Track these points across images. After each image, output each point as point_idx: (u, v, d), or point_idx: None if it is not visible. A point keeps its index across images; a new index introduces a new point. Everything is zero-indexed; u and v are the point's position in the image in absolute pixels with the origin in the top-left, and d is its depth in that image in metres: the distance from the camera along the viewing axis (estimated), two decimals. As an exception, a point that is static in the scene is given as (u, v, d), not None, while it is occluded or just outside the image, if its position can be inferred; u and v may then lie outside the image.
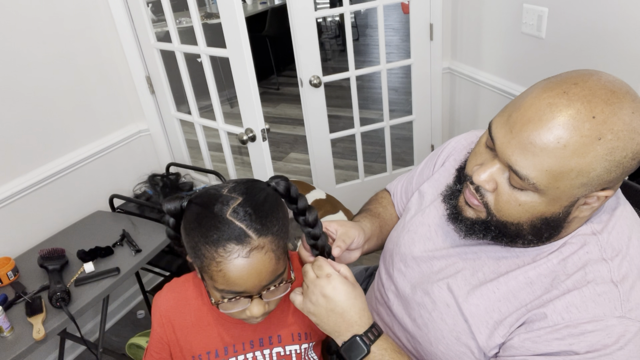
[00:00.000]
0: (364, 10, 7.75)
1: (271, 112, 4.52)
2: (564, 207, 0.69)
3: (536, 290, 0.74)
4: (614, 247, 0.72)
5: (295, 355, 0.92)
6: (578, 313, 0.68)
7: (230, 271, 0.72)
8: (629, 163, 0.64)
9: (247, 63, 1.57)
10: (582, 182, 0.65)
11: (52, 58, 1.81)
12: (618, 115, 0.62)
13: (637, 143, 0.63)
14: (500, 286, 0.76)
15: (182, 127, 2.19)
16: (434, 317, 0.82)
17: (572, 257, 0.73)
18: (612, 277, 0.69)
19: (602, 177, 0.64)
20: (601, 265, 0.70)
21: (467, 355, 0.79)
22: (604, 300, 0.68)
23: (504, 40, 2.02)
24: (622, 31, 1.45)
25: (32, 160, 1.80)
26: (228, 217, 0.72)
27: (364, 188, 2.67)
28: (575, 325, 0.67)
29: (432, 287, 0.84)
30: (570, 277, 0.71)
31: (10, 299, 1.47)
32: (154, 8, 3.46)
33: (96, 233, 1.81)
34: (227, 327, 0.90)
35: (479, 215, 0.76)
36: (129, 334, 2.10)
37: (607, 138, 0.62)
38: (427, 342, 0.84)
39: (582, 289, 0.69)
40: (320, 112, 2.36)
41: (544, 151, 0.64)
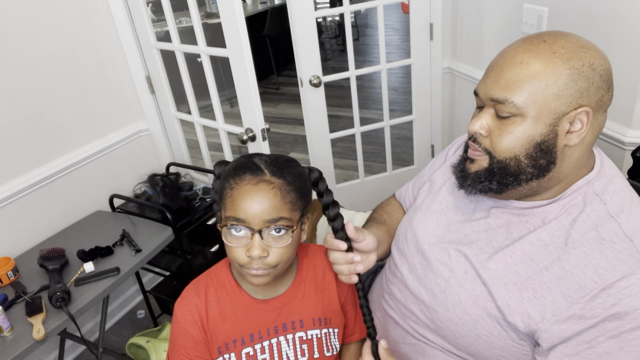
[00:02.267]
0: (364, 10, 7.75)
1: (271, 112, 4.52)
2: (549, 126, 0.75)
3: (552, 251, 0.76)
4: (617, 205, 0.76)
5: (316, 339, 0.95)
6: (607, 274, 0.71)
7: (238, 195, 0.80)
8: (591, 73, 0.73)
9: (247, 63, 1.57)
10: (554, 92, 0.73)
11: (52, 58, 1.81)
12: (565, 38, 0.76)
13: (590, 55, 0.74)
14: (516, 250, 0.79)
15: (182, 127, 2.19)
16: (451, 284, 0.85)
17: (581, 216, 0.77)
18: (625, 232, 0.73)
19: (571, 86, 0.73)
20: (611, 222, 0.74)
21: (483, 319, 0.80)
22: (625, 256, 0.71)
23: (504, 40, 2.02)
24: (622, 31, 1.45)
25: (32, 160, 1.80)
26: (252, 160, 0.84)
27: (364, 188, 2.67)
28: (610, 285, 0.70)
29: (449, 256, 0.87)
30: (584, 236, 0.74)
31: (10, 299, 1.47)
32: (154, 8, 3.46)
33: (96, 233, 1.81)
34: (250, 314, 0.92)
35: (481, 165, 0.82)
36: (129, 334, 2.10)
37: (560, 52, 0.74)
38: (443, 309, 0.85)
39: (602, 249, 0.72)
40: (320, 112, 2.36)
41: (513, 72, 0.76)
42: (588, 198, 0.78)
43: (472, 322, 0.81)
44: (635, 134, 1.49)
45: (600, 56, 0.75)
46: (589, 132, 0.76)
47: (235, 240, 0.82)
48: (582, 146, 0.77)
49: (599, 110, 0.76)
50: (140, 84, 2.09)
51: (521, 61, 0.75)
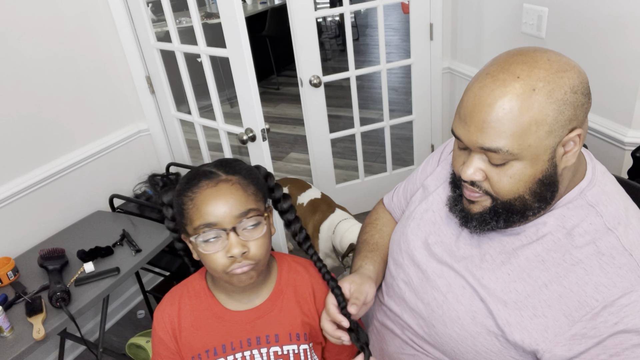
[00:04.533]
0: (364, 10, 7.75)
1: (271, 112, 4.52)
2: (548, 161, 0.73)
3: (549, 267, 0.75)
4: (613, 216, 0.75)
5: (293, 355, 0.92)
6: (608, 291, 0.69)
7: (201, 202, 0.80)
8: (575, 97, 0.71)
9: (247, 63, 1.57)
10: (546, 130, 0.71)
11: (52, 58, 1.81)
12: (537, 67, 0.71)
13: (568, 78, 0.70)
14: (513, 267, 0.78)
15: (182, 127, 2.19)
16: (448, 299, 0.83)
17: (577, 230, 0.75)
18: (624, 246, 0.71)
19: (560, 119, 0.70)
20: (609, 236, 0.73)
21: (482, 336, 0.79)
22: (625, 272, 0.70)
23: (504, 40, 2.02)
24: (622, 31, 1.45)
25: (32, 160, 1.80)
26: (202, 168, 0.84)
27: (364, 188, 2.67)
28: (611, 303, 0.69)
29: (446, 270, 0.86)
30: (582, 251, 0.73)
31: (10, 299, 1.47)
32: (154, 8, 3.46)
33: (96, 233, 1.81)
34: (224, 325, 0.91)
35: (484, 205, 0.79)
36: (129, 334, 2.10)
37: (540, 87, 0.70)
38: (441, 324, 0.84)
39: (602, 265, 0.71)
40: (320, 112, 2.36)
41: (498, 122, 0.71)
42: (583, 210, 0.76)
43: (471, 338, 0.80)
44: (635, 134, 1.49)
45: (576, 71, 0.72)
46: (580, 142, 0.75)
47: (211, 247, 0.80)
48: (574, 157, 0.76)
49: (585, 121, 0.74)
50: (140, 84, 2.09)
51: (502, 107, 0.70)
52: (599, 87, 1.58)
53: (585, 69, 1.61)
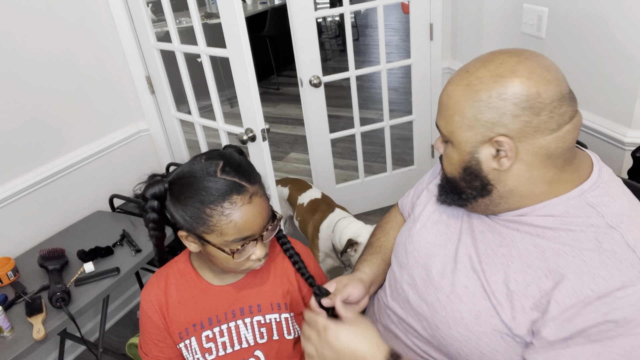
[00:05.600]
0: (364, 10, 7.75)
1: (271, 112, 4.52)
2: (469, 154, 0.79)
3: (549, 257, 0.75)
4: (615, 215, 0.75)
5: (275, 323, 0.99)
6: (606, 283, 0.69)
7: (240, 219, 0.81)
8: (501, 104, 0.74)
9: (247, 63, 1.57)
10: (466, 124, 0.77)
11: (52, 58, 1.81)
12: (486, 67, 0.76)
13: (501, 85, 0.74)
14: (514, 259, 0.78)
15: (182, 127, 2.19)
16: (452, 299, 0.84)
17: (580, 227, 0.75)
18: (627, 242, 0.71)
19: (480, 118, 0.76)
20: (612, 233, 0.73)
21: (487, 335, 0.79)
22: (626, 266, 0.69)
23: (504, 40, 2.02)
24: (622, 31, 1.45)
25: (33, 160, 1.80)
26: (220, 177, 0.82)
27: (364, 188, 2.68)
28: (606, 294, 0.69)
29: (450, 269, 0.86)
30: (584, 246, 0.73)
31: (10, 299, 1.47)
32: (154, 8, 3.46)
33: (96, 233, 1.81)
34: (208, 299, 0.96)
35: (442, 180, 0.90)
36: (129, 334, 2.10)
37: (473, 84, 0.76)
38: (445, 325, 0.84)
39: (603, 259, 0.71)
40: (320, 112, 2.36)
41: (442, 104, 0.82)
42: (583, 210, 0.76)
43: (476, 339, 0.80)
44: (635, 134, 1.49)
45: (519, 82, 0.73)
46: (530, 154, 0.75)
47: (242, 255, 0.85)
48: (528, 166, 0.76)
49: (535, 134, 0.74)
50: (140, 84, 2.09)
51: (446, 93, 0.80)
52: (599, 87, 1.58)
53: (585, 69, 1.61)
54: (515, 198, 0.80)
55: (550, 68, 0.76)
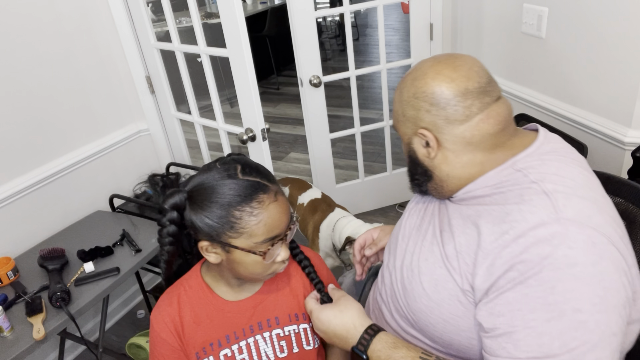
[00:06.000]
0: (364, 10, 7.75)
1: (271, 112, 4.52)
2: (407, 145, 0.93)
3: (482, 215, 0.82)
4: (541, 172, 0.81)
5: (294, 335, 0.96)
6: (520, 225, 0.75)
7: (269, 217, 0.81)
8: (415, 102, 0.87)
9: (247, 63, 1.57)
10: (398, 119, 0.92)
11: (52, 58, 1.81)
12: (411, 72, 0.91)
13: (415, 87, 0.87)
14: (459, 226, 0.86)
15: (182, 127, 2.19)
16: (415, 273, 0.90)
17: (507, 187, 0.83)
18: (544, 190, 0.77)
19: (406, 114, 0.89)
20: (533, 185, 0.79)
21: (446, 302, 0.84)
22: (540, 209, 0.75)
23: (504, 40, 2.02)
24: (622, 31, 1.45)
25: (32, 160, 1.80)
26: (242, 177, 0.82)
27: (364, 188, 2.68)
28: (521, 235, 0.74)
29: (417, 247, 0.93)
30: (509, 200, 0.80)
31: (10, 299, 1.47)
32: (154, 8, 3.46)
33: (96, 233, 1.81)
34: (225, 316, 0.92)
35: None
36: (129, 334, 2.10)
37: (401, 86, 0.91)
38: (413, 300, 0.90)
39: (521, 207, 0.77)
40: (320, 112, 2.36)
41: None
42: (513, 176, 0.83)
43: (438, 307, 0.85)
44: (635, 134, 1.49)
45: (423, 82, 0.86)
46: (450, 143, 0.86)
47: (270, 257, 0.84)
48: (453, 153, 0.87)
49: (449, 125, 0.85)
50: (140, 84, 2.09)
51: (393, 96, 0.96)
52: (599, 87, 1.58)
53: (585, 69, 1.61)
54: (453, 181, 0.89)
55: (459, 68, 0.85)
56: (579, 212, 0.74)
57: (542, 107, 1.84)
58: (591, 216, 0.74)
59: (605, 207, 0.79)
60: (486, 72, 0.87)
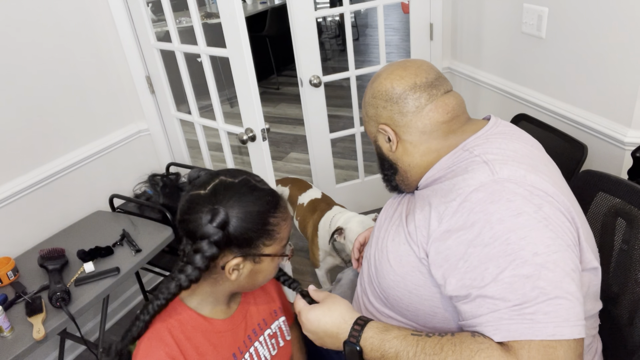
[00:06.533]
0: (364, 10, 7.75)
1: (271, 112, 4.52)
2: (374, 142, 1.03)
3: (437, 192, 0.89)
4: (484, 149, 0.89)
5: (279, 330, 1.03)
6: (463, 190, 0.82)
7: (288, 220, 0.88)
8: (374, 101, 0.99)
9: (247, 63, 1.57)
10: (366, 120, 1.03)
11: (52, 58, 1.81)
12: (373, 77, 1.02)
13: (372, 88, 1.00)
14: (421, 206, 0.91)
15: (182, 127, 2.19)
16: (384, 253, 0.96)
17: (456, 165, 0.90)
18: (483, 159, 0.85)
19: (369, 114, 1.01)
20: (475, 159, 0.87)
21: (409, 274, 0.90)
22: (479, 174, 0.83)
23: (504, 40, 2.02)
24: (622, 31, 1.45)
25: (32, 160, 1.80)
26: (262, 187, 0.86)
27: (364, 188, 2.67)
28: (465, 199, 0.81)
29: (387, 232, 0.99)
30: (455, 175, 0.88)
31: (10, 299, 1.47)
32: (154, 8, 3.46)
33: (96, 233, 1.81)
34: (226, 337, 0.92)
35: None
36: (129, 334, 2.09)
37: (365, 91, 1.03)
38: (383, 278, 0.96)
39: (464, 177, 0.85)
40: (320, 112, 2.36)
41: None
42: (463, 155, 0.90)
43: (402, 280, 0.91)
44: (635, 134, 1.49)
45: (378, 83, 0.98)
46: (407, 134, 0.96)
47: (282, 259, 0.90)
48: (411, 144, 0.97)
49: (403, 118, 0.95)
50: (140, 84, 2.09)
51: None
52: (599, 87, 1.58)
53: (585, 69, 1.61)
54: (415, 170, 0.98)
55: (408, 68, 0.96)
56: (514, 172, 0.82)
57: (542, 107, 1.84)
58: (526, 176, 0.81)
59: (546, 171, 0.86)
60: (435, 70, 0.98)
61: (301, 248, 2.57)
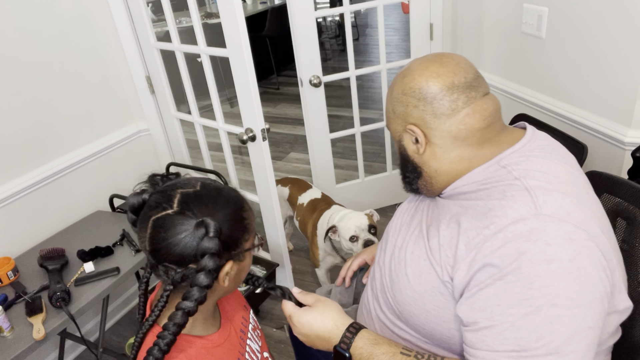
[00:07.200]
0: (364, 10, 7.75)
1: (271, 112, 4.52)
2: (398, 142, 0.95)
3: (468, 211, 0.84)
4: (525, 169, 0.82)
5: (254, 322, 1.05)
6: (500, 220, 0.76)
7: (251, 208, 0.87)
8: (404, 98, 0.89)
9: (247, 63, 1.57)
10: (390, 117, 0.94)
11: (52, 58, 1.81)
12: (402, 71, 0.92)
13: (403, 83, 0.90)
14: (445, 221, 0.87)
15: (182, 127, 2.19)
16: (402, 266, 0.92)
17: (490, 183, 0.84)
18: (525, 187, 0.78)
19: (396, 111, 0.92)
20: (515, 182, 0.80)
21: (428, 293, 0.86)
22: (520, 205, 0.76)
23: (504, 40, 2.02)
24: (622, 31, 1.45)
25: (33, 160, 1.80)
26: (222, 186, 0.85)
27: (364, 188, 2.67)
28: (500, 230, 0.75)
29: (405, 241, 0.96)
30: (491, 195, 0.82)
31: (10, 299, 1.47)
32: (154, 8, 3.46)
33: (96, 233, 1.81)
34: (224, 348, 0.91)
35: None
36: (129, 334, 2.10)
37: (392, 85, 0.93)
38: (398, 292, 0.92)
39: (502, 203, 0.78)
40: (320, 112, 2.36)
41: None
42: (498, 172, 0.84)
43: (420, 298, 0.87)
44: (635, 134, 1.49)
45: (411, 79, 0.88)
46: (438, 138, 0.88)
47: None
48: (441, 149, 0.89)
49: (436, 120, 0.87)
50: (140, 84, 2.09)
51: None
52: (599, 87, 1.58)
53: (585, 69, 1.61)
54: (442, 177, 0.91)
55: (446, 64, 0.87)
56: (559, 208, 0.75)
57: (542, 107, 1.84)
58: (571, 212, 0.75)
59: (588, 202, 0.80)
60: (473, 69, 0.88)
61: (301, 248, 2.57)
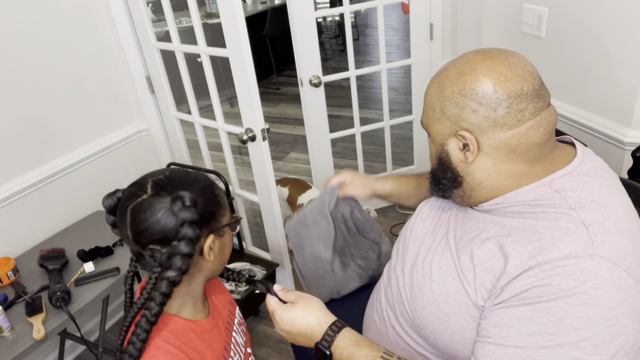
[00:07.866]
0: (364, 10, 7.75)
1: (271, 112, 4.52)
2: (441, 146, 0.85)
3: (510, 233, 0.77)
4: (580, 198, 0.75)
5: (240, 317, 1.07)
6: (550, 253, 0.70)
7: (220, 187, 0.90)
8: (461, 100, 0.79)
9: (247, 63, 1.57)
10: (435, 117, 0.83)
11: (52, 58, 1.81)
12: (454, 65, 0.82)
13: (462, 82, 0.79)
14: (482, 239, 0.80)
15: (182, 127, 2.19)
16: (426, 280, 0.87)
17: (541, 208, 0.77)
18: (582, 220, 0.72)
19: (446, 112, 0.81)
20: (570, 212, 0.74)
21: (456, 314, 0.81)
22: (575, 240, 0.70)
23: (504, 40, 2.02)
24: (622, 31, 1.45)
25: (33, 159, 1.80)
26: (189, 170, 0.87)
27: (364, 188, 2.67)
28: (547, 262, 0.70)
29: (430, 252, 0.90)
30: (541, 224, 0.74)
31: (10, 299, 1.47)
32: (154, 8, 3.46)
33: (96, 233, 1.81)
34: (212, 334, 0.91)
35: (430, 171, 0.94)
36: (129, 334, 2.09)
37: (442, 81, 0.82)
38: (420, 307, 0.88)
39: (555, 234, 0.72)
40: (320, 112, 2.36)
41: (423, 102, 0.88)
42: (548, 195, 0.77)
43: (446, 317, 0.82)
44: (635, 134, 1.49)
45: (474, 78, 0.77)
46: (492, 148, 0.79)
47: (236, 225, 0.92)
48: (493, 160, 0.80)
49: (495, 129, 0.77)
50: (140, 84, 2.09)
51: (426, 90, 0.87)
52: (599, 87, 1.58)
53: (585, 69, 1.61)
54: (484, 191, 0.83)
55: (514, 66, 0.77)
56: (616, 251, 0.69)
57: (542, 107, 1.84)
58: (626, 257, 0.69)
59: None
60: (538, 74, 0.79)
61: (301, 248, 2.57)
